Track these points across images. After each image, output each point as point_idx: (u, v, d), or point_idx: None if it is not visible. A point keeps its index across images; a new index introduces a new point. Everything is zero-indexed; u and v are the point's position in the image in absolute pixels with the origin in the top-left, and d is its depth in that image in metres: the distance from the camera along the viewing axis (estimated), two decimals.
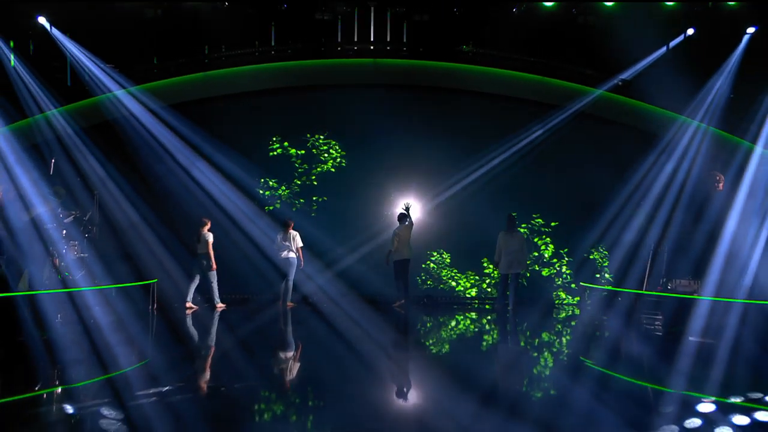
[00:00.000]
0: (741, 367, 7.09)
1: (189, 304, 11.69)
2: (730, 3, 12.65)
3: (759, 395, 5.71)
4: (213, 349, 8.33)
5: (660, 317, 10.08)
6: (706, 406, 5.34)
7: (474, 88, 14.41)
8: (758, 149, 11.89)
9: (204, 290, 12.09)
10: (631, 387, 6.30)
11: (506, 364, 7.76)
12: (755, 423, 4.84)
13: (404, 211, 12.78)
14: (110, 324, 8.85)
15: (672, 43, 13.90)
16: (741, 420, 4.88)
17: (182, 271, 12.39)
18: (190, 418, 4.72)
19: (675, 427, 4.67)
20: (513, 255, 12.13)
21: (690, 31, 13.69)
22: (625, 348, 9.01)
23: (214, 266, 11.81)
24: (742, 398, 5.60)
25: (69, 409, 5.16)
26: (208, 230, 12.07)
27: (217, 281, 11.96)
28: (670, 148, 13.28)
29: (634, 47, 13.61)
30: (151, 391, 5.40)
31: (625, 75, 13.87)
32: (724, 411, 5.18)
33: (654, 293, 10.41)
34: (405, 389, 6.21)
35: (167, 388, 5.65)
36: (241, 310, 12.23)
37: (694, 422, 4.81)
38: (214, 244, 11.87)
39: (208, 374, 6.70)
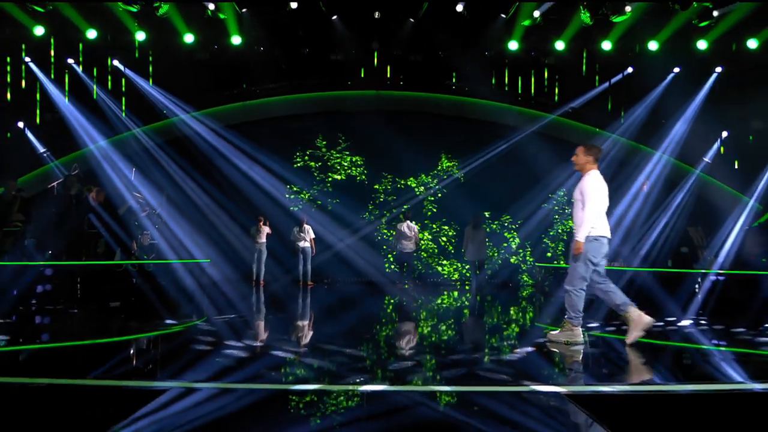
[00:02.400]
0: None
1: (261, 282, 14.13)
2: (653, 49, 14.26)
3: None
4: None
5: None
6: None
7: (455, 113, 15.85)
8: (657, 154, 14.11)
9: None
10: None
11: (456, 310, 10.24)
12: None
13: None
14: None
15: (614, 80, 15.45)
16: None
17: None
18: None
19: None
20: (478, 245, 13.55)
21: (629, 69, 15.22)
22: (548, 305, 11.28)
23: None
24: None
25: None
26: (264, 224, 14.14)
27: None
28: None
29: (582, 82, 15.48)
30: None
31: (575, 104, 15.40)
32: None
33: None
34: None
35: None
36: (282, 286, 14.04)
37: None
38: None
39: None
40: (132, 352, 5.82)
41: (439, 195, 16.06)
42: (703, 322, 8.09)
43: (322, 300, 11.82)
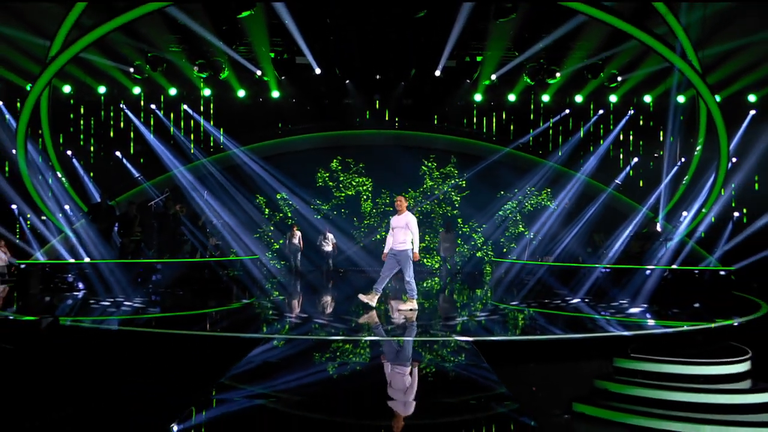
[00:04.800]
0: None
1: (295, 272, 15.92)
2: (579, 101, 16.73)
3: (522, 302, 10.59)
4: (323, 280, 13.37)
5: (529, 275, 13.39)
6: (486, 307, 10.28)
7: (437, 147, 17.65)
8: (578, 175, 16.34)
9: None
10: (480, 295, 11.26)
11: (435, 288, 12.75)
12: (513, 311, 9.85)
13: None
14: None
15: (554, 119, 17.62)
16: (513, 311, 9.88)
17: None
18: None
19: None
20: (449, 244, 15.57)
21: (567, 111, 17.47)
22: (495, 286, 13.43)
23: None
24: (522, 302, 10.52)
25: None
26: (297, 230, 16.13)
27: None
28: (538, 179, 17.10)
29: (530, 122, 17.69)
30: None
31: (523, 140, 17.51)
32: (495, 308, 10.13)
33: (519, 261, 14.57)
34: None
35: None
36: (313, 274, 15.98)
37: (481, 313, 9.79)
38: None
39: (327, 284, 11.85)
40: (226, 317, 8.46)
41: (426, 207, 17.91)
42: (586, 300, 10.56)
43: (339, 285, 13.93)
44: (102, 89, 16.27)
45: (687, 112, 15.11)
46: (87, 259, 11.69)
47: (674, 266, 11.44)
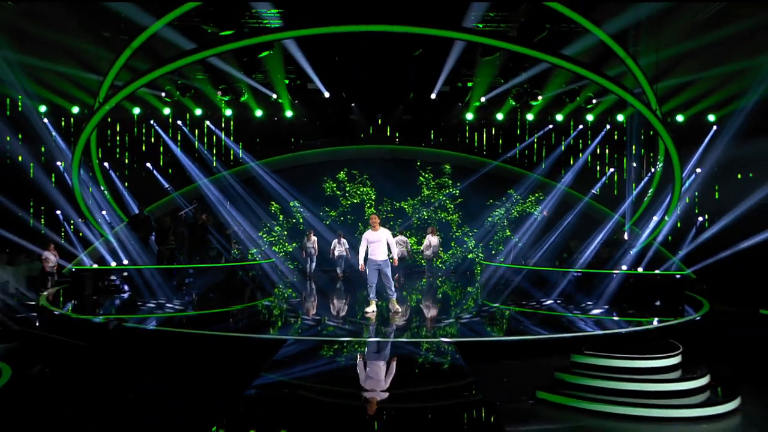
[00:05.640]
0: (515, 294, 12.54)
1: (310, 275, 16.37)
2: (559, 119, 17.90)
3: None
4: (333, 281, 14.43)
5: (514, 276, 13.90)
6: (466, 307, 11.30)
7: (432, 160, 18.38)
8: (558, 185, 17.27)
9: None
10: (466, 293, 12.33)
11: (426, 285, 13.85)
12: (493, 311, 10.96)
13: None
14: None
15: (538, 134, 18.53)
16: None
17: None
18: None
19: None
20: (434, 248, 16.28)
21: (550, 126, 18.33)
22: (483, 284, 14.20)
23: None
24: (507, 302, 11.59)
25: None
26: (313, 235, 16.66)
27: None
28: (523, 189, 17.84)
29: (516, 138, 18.62)
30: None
31: (510, 154, 18.39)
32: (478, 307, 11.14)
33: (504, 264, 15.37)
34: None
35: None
36: (326, 276, 16.52)
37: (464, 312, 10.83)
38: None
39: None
40: (248, 316, 9.63)
41: (425, 215, 18.58)
42: (558, 301, 11.48)
43: (346, 289, 14.56)
44: (136, 110, 17.46)
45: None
46: (126, 262, 12.84)
47: (639, 269, 12.42)
